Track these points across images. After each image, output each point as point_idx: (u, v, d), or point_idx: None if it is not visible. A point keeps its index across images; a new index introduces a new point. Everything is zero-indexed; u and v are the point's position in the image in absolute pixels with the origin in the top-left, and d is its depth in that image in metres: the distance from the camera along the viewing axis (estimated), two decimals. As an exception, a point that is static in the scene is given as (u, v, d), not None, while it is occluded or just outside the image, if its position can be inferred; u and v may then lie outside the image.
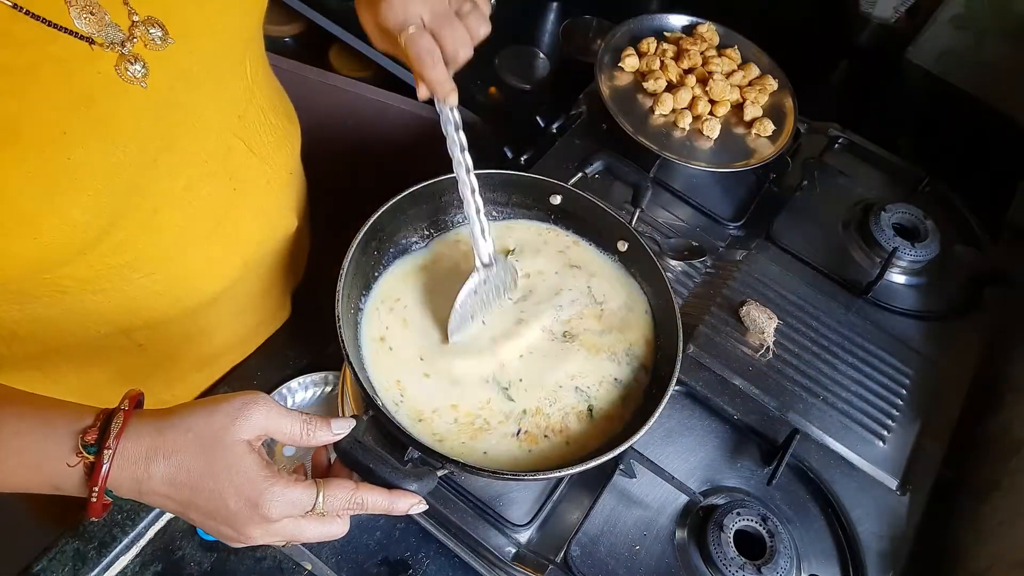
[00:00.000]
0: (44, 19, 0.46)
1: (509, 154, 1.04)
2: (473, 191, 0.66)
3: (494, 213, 0.79)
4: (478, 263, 0.68)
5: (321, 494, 0.50)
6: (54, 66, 0.48)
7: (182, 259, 0.66)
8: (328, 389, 0.79)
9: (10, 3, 0.45)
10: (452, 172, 0.67)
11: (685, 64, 1.05)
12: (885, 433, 0.82)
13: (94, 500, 0.47)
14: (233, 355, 0.83)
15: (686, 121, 1.00)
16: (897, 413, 0.84)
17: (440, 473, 0.57)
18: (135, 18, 0.52)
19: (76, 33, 0.48)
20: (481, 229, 0.67)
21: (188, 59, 0.56)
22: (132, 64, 0.52)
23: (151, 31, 0.53)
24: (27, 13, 0.45)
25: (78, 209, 0.52)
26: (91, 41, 0.49)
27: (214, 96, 0.61)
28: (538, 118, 1.06)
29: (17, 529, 0.85)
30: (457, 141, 0.66)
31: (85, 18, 0.49)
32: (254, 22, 0.66)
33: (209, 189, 0.65)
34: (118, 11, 0.51)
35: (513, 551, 0.68)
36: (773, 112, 1.04)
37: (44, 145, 0.48)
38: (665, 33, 1.09)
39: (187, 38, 0.55)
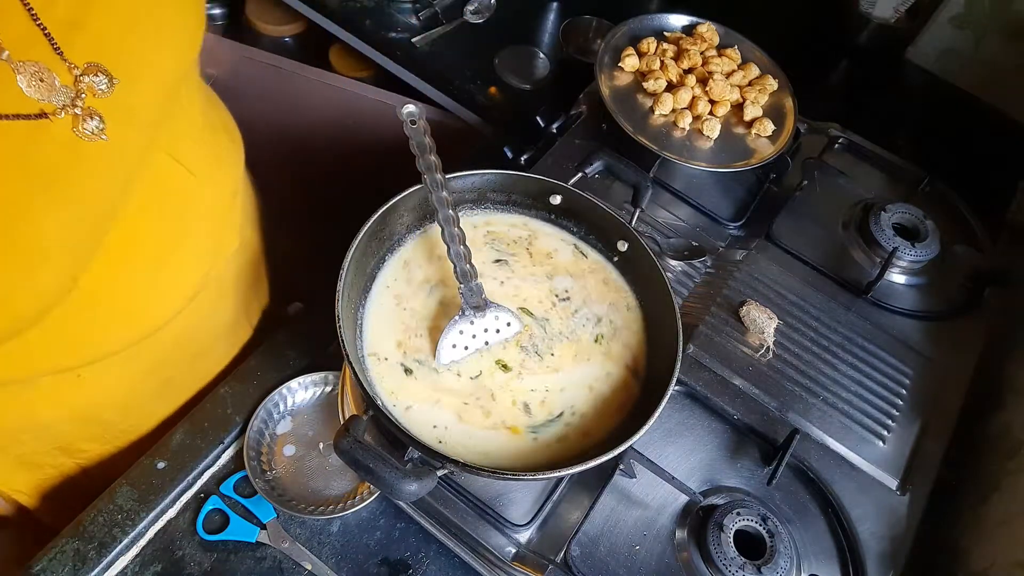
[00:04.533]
0: None
1: (509, 154, 1.04)
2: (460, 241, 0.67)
3: (494, 211, 0.78)
4: (465, 305, 0.67)
5: None
6: (12, 148, 0.47)
7: (130, 288, 0.64)
8: (328, 389, 0.79)
9: None
10: (450, 173, 0.67)
11: (685, 64, 1.05)
12: (885, 433, 0.82)
13: None
14: (195, 377, 0.83)
15: (686, 121, 1.00)
16: (897, 413, 0.84)
17: (440, 473, 0.57)
18: (76, 72, 0.50)
19: (30, 114, 0.47)
20: (464, 273, 0.67)
21: (134, 97, 0.55)
22: (89, 120, 0.51)
23: (96, 80, 0.51)
24: None
25: (48, 275, 0.52)
26: (44, 115, 0.48)
27: (158, 127, 0.60)
28: (538, 118, 1.06)
29: (17, 529, 0.85)
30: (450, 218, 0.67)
31: (35, 85, 0.47)
32: (191, 54, 0.63)
33: (155, 217, 0.64)
34: (59, 69, 0.49)
35: (513, 551, 0.68)
36: (773, 112, 1.04)
37: (14, 223, 0.48)
38: (665, 33, 1.09)
39: (129, 76, 0.54)
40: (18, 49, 0.47)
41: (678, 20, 1.10)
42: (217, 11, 1.48)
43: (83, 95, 0.51)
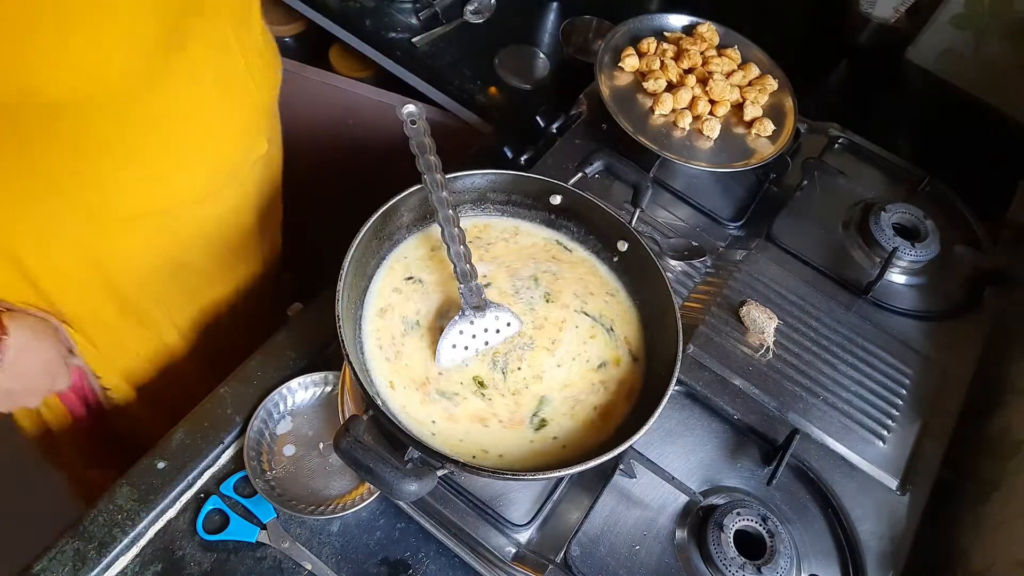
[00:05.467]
0: None
1: (509, 154, 1.04)
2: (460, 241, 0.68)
3: (493, 211, 0.79)
4: (465, 306, 0.67)
5: None
6: None
7: (178, 142, 0.71)
8: (328, 389, 0.79)
9: None
10: (450, 173, 0.67)
11: (685, 64, 1.05)
12: (885, 433, 0.82)
13: None
14: (206, 278, 0.90)
15: (686, 121, 1.00)
16: (897, 413, 0.84)
17: (440, 473, 0.57)
18: None
19: None
20: (464, 273, 0.67)
21: None
22: None
23: None
24: None
25: (146, 34, 0.58)
26: None
27: None
28: (538, 118, 1.06)
29: (17, 529, 0.85)
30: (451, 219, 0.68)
31: None
32: None
33: (212, 85, 0.70)
34: None
35: (513, 551, 0.68)
36: (773, 112, 1.04)
37: None
38: (665, 33, 1.09)
39: None
40: None
41: (678, 20, 1.10)
42: (217, 11, 1.48)
43: None
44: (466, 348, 0.68)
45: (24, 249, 0.72)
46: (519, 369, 0.68)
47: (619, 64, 1.05)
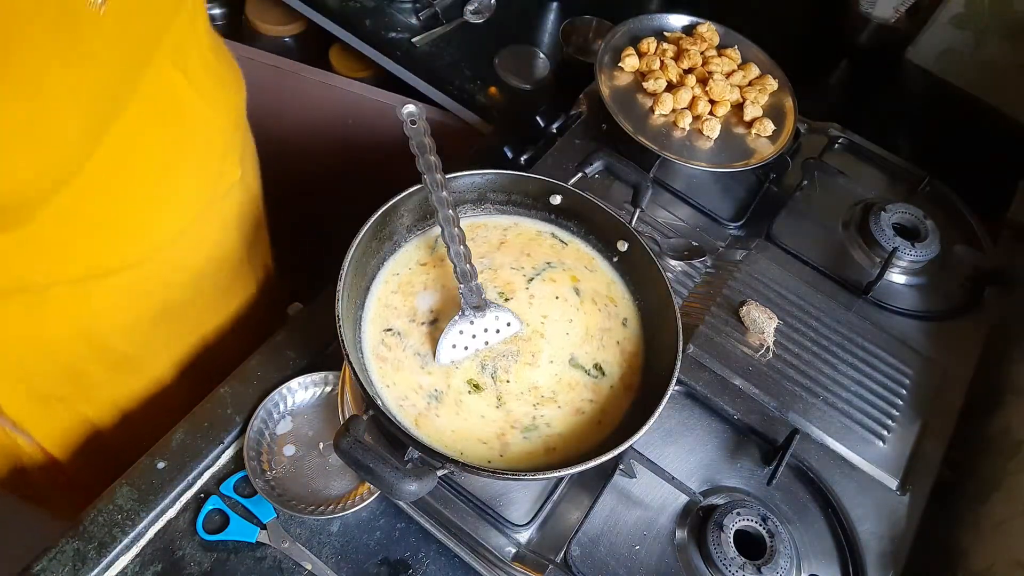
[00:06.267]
0: None
1: (509, 154, 1.04)
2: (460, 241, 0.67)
3: (493, 211, 0.79)
4: (464, 306, 0.67)
5: None
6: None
7: (134, 197, 0.66)
8: (328, 389, 0.79)
9: None
10: (450, 173, 0.67)
11: (685, 64, 1.05)
12: (885, 433, 0.82)
13: None
14: (195, 312, 0.85)
15: (686, 121, 1.00)
16: (897, 413, 0.84)
17: (440, 473, 0.57)
18: None
19: None
20: (464, 273, 0.67)
21: None
22: None
23: None
24: None
25: (71, 130, 0.54)
26: None
27: (158, 24, 0.61)
28: (538, 118, 1.06)
29: (17, 529, 0.85)
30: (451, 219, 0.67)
31: None
32: None
33: (159, 128, 0.65)
34: None
35: (513, 551, 0.68)
36: (773, 112, 1.04)
37: (38, 69, 0.49)
38: (665, 33, 1.09)
39: None
40: None
41: (678, 20, 1.10)
42: (217, 11, 1.48)
43: None
44: (466, 348, 0.68)
45: None
46: (518, 369, 0.68)
47: (619, 64, 1.05)
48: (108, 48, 0.54)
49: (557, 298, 0.73)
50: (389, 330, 0.69)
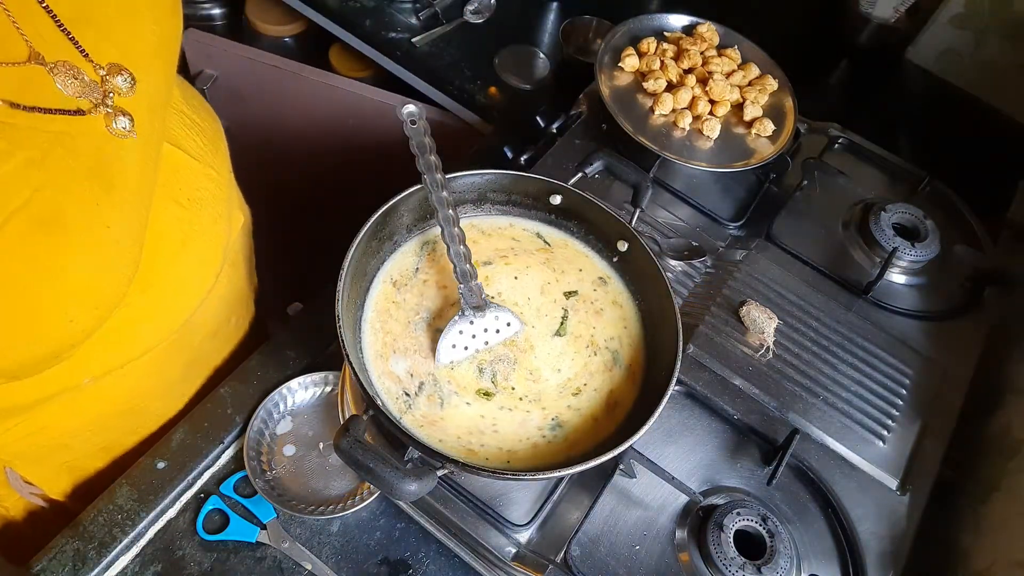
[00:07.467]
0: (40, 108, 0.47)
1: (509, 154, 1.04)
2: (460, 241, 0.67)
3: (493, 211, 0.79)
4: (464, 305, 0.67)
5: None
6: (64, 145, 0.49)
7: (163, 278, 0.66)
8: (328, 389, 0.79)
9: (5, 102, 0.45)
10: (450, 173, 0.67)
11: (685, 64, 1.05)
12: (885, 433, 0.82)
13: None
14: (212, 353, 0.86)
15: (686, 121, 1.00)
16: (897, 413, 0.84)
17: (440, 473, 0.57)
18: (101, 72, 0.52)
19: (69, 110, 0.49)
20: (464, 273, 0.67)
21: (150, 88, 0.56)
22: (120, 118, 0.52)
23: (119, 80, 0.53)
24: (23, 108, 0.46)
25: (125, 264, 0.55)
26: (81, 111, 0.50)
27: (164, 116, 0.62)
28: (538, 118, 1.06)
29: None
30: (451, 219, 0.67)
31: (70, 84, 0.49)
32: (177, 43, 0.65)
33: (172, 205, 0.66)
34: (86, 68, 0.51)
35: (513, 551, 0.68)
36: (773, 112, 1.04)
37: (91, 220, 0.50)
38: (665, 33, 1.09)
39: (143, 68, 0.55)
40: (48, 52, 0.48)
41: (678, 20, 1.10)
42: (217, 11, 1.48)
43: (111, 94, 0.52)
44: (466, 348, 0.68)
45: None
46: (517, 368, 0.68)
47: (619, 64, 1.05)
48: (136, 174, 0.55)
49: (555, 301, 0.73)
50: (389, 330, 0.69)
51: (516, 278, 0.74)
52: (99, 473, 0.80)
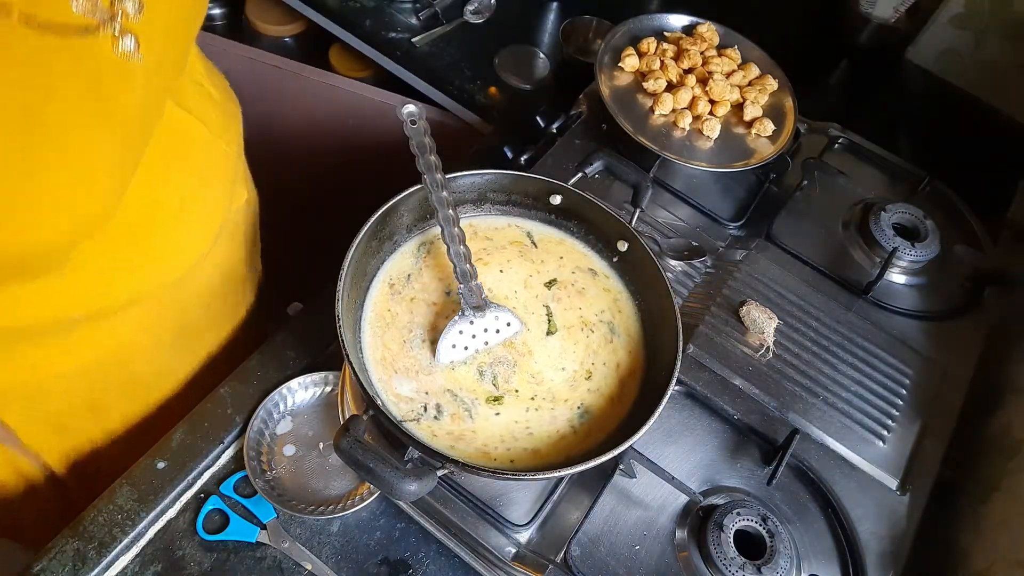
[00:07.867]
0: (52, 25, 0.47)
1: (509, 154, 1.04)
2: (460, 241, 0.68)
3: (493, 211, 0.79)
4: (464, 305, 0.67)
5: None
6: (66, 60, 0.48)
7: (158, 232, 0.67)
8: (328, 389, 0.79)
9: (23, 15, 0.45)
10: (450, 173, 0.67)
11: (685, 64, 1.05)
12: (885, 433, 0.82)
13: None
14: (207, 328, 0.87)
15: (686, 121, 1.00)
16: (897, 413, 0.84)
17: (440, 473, 0.57)
18: None
19: (77, 26, 0.48)
20: (464, 273, 0.67)
21: (157, 22, 0.55)
22: (126, 39, 0.52)
23: (128, 3, 0.52)
24: (38, 26, 0.46)
25: (102, 187, 0.55)
26: (88, 30, 0.49)
27: (174, 67, 0.62)
28: (538, 118, 1.06)
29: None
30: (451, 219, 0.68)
31: (81, 2, 0.48)
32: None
33: (176, 166, 0.66)
34: None
35: (513, 551, 0.68)
36: (773, 112, 1.04)
37: (71, 132, 0.50)
38: (665, 33, 1.09)
39: (152, 4, 0.55)
40: None
41: (678, 20, 1.10)
42: (217, 11, 1.48)
43: (119, 15, 0.51)
44: (466, 348, 0.68)
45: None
46: (518, 371, 0.68)
47: (619, 64, 1.05)
48: (136, 103, 0.55)
49: (537, 296, 0.73)
50: (389, 330, 0.69)
51: (501, 271, 0.74)
52: (92, 444, 0.80)
